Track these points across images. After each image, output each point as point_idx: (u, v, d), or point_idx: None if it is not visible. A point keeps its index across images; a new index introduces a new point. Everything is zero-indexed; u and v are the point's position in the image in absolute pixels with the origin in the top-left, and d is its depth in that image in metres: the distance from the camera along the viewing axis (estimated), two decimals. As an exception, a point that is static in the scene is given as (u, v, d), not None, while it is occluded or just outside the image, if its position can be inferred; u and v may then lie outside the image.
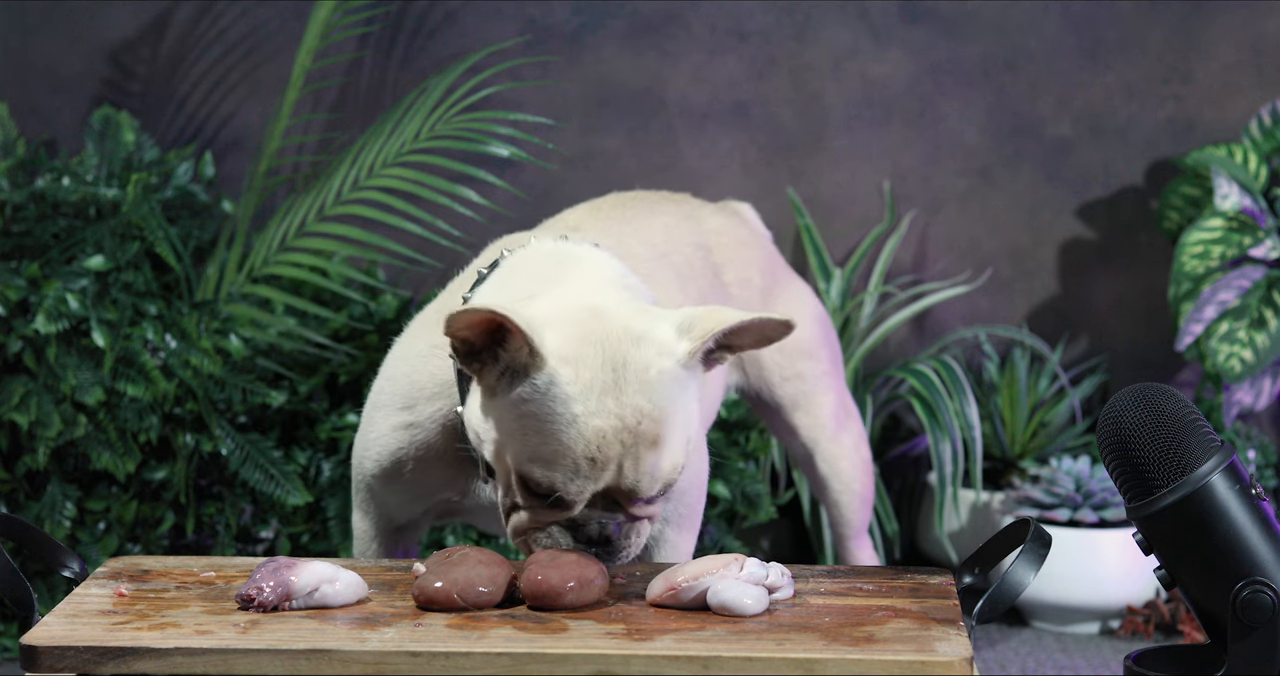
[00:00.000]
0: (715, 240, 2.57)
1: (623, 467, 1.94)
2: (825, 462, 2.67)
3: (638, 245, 2.40)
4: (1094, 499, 3.32)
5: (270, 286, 3.30)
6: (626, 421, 1.92)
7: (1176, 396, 1.84)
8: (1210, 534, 1.80)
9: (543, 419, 1.93)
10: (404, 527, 2.31)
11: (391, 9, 3.67)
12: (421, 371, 2.18)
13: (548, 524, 1.98)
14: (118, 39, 3.69)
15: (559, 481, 1.93)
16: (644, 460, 1.94)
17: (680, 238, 2.50)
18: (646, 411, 1.93)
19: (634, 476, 1.94)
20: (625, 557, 2.00)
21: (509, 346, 1.94)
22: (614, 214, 2.48)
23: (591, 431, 1.92)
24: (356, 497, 2.30)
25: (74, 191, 3.31)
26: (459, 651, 1.77)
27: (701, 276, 2.48)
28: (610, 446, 1.92)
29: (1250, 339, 3.34)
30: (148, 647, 1.78)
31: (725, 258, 2.56)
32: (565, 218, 2.46)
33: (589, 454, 1.92)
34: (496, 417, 1.97)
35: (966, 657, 1.75)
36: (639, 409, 1.93)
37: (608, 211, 2.49)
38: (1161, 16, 3.63)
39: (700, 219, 2.58)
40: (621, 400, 1.93)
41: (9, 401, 3.16)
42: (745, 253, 2.59)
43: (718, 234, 2.58)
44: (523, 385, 1.93)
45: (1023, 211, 3.70)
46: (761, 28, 3.66)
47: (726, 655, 1.76)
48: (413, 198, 3.29)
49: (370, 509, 2.29)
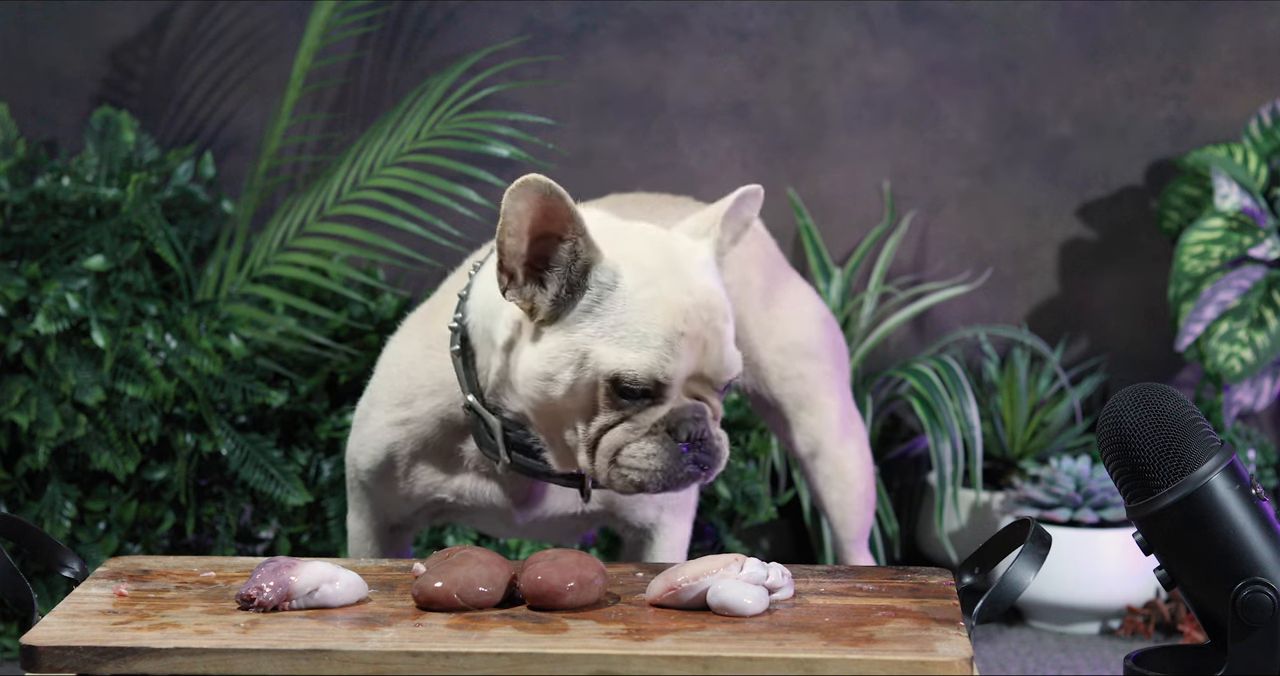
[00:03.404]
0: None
1: (707, 343, 1.97)
2: (830, 463, 2.65)
3: None
4: (1094, 499, 3.33)
5: (270, 286, 3.30)
6: (698, 297, 1.97)
7: (1176, 396, 1.85)
8: (1210, 534, 1.80)
9: (621, 310, 1.96)
10: (398, 527, 2.31)
11: (391, 9, 3.67)
12: (419, 368, 2.18)
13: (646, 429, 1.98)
14: (118, 39, 3.69)
15: (656, 364, 1.95)
16: (724, 333, 1.98)
17: None
18: (711, 287, 2.00)
19: (718, 351, 1.98)
20: (720, 463, 2.01)
21: (559, 258, 1.96)
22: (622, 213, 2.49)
23: (676, 306, 1.96)
24: (351, 497, 2.31)
25: (74, 191, 3.31)
26: (459, 651, 1.77)
27: None
28: (694, 321, 1.96)
29: (1250, 339, 3.35)
30: (148, 647, 1.78)
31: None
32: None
33: (679, 328, 1.96)
34: (566, 339, 1.98)
35: (966, 657, 1.75)
36: (706, 286, 1.99)
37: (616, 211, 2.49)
38: (1161, 16, 3.64)
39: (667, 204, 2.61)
40: (688, 278, 1.98)
41: (9, 401, 3.16)
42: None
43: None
44: (588, 290, 1.97)
45: (1023, 211, 3.70)
46: (761, 28, 3.66)
47: (726, 655, 1.76)
48: (413, 198, 3.29)
49: (364, 508, 2.29)
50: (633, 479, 2.00)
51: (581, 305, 1.97)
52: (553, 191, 1.93)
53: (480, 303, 2.08)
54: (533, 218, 1.95)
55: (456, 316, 2.11)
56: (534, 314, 2.00)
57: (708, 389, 2.01)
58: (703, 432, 1.99)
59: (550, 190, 1.93)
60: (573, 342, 1.98)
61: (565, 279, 1.97)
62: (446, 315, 2.17)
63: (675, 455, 1.99)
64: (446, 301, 2.20)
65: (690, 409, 1.98)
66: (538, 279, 1.98)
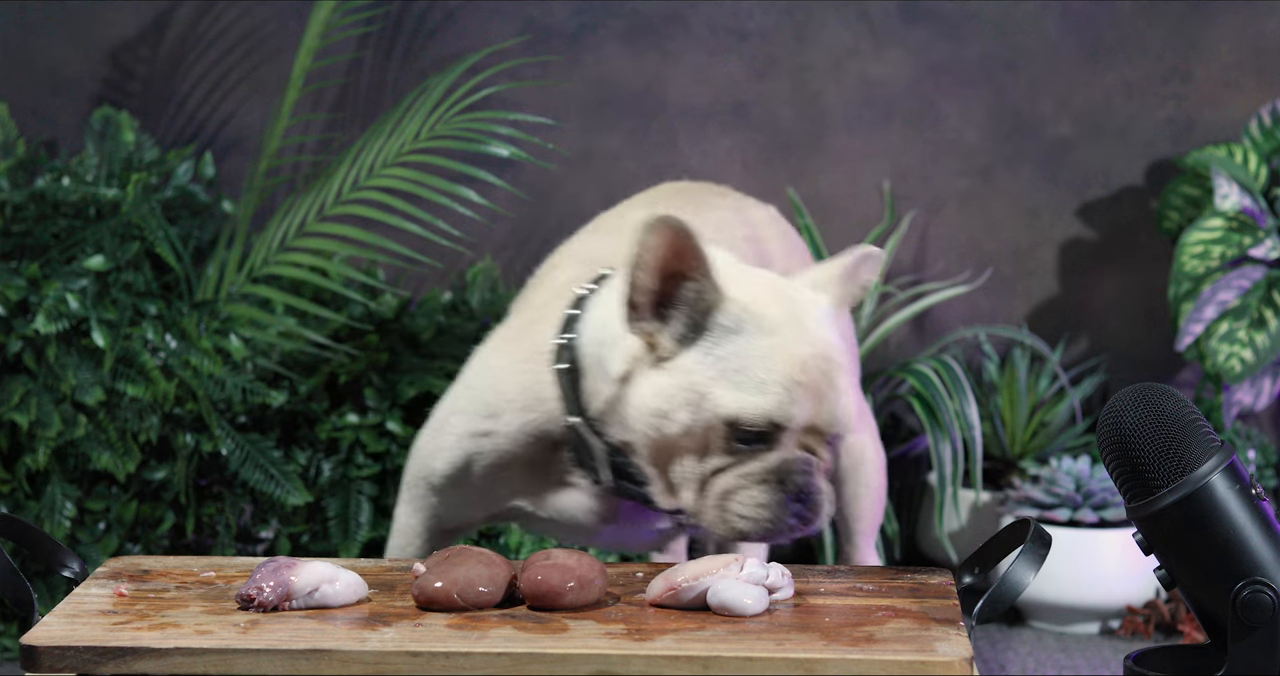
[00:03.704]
0: (763, 233, 2.61)
1: (823, 394, 1.99)
2: (847, 455, 2.66)
3: None
4: (1094, 499, 3.33)
5: (270, 286, 3.30)
6: (817, 348, 2.00)
7: (1176, 396, 1.85)
8: (1210, 534, 1.80)
9: (743, 356, 1.98)
10: (454, 530, 2.32)
11: (391, 9, 3.67)
12: (508, 383, 2.19)
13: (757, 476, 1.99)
14: (118, 39, 3.69)
15: (775, 408, 1.97)
16: (839, 383, 2.01)
17: (733, 231, 2.54)
18: (831, 340, 2.03)
19: (833, 403, 2.00)
20: (821, 520, 2.03)
21: (683, 297, 1.99)
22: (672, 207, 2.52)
23: (795, 355, 1.98)
24: (409, 493, 2.30)
25: (74, 191, 3.31)
26: (459, 651, 1.77)
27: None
28: (811, 371, 1.98)
29: (1250, 339, 3.34)
30: (148, 647, 1.78)
31: (773, 249, 2.61)
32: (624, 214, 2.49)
33: (797, 377, 1.98)
34: (686, 379, 2.00)
35: (966, 657, 1.75)
36: (825, 338, 2.02)
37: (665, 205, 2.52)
38: (1161, 16, 3.64)
39: (747, 211, 2.63)
40: (808, 329, 2.01)
41: (9, 401, 3.16)
42: (787, 244, 2.64)
43: (764, 226, 2.62)
44: (711, 331, 1.99)
45: (1023, 211, 3.70)
46: (761, 28, 3.66)
47: (726, 655, 1.76)
48: (413, 198, 3.29)
49: (424, 507, 2.29)
50: (736, 526, 2.02)
51: (702, 346, 2.00)
52: (685, 231, 1.96)
53: (595, 329, 2.10)
54: (664, 255, 1.98)
55: (569, 337, 2.12)
56: (654, 348, 2.02)
57: (819, 441, 2.03)
58: (810, 485, 2.01)
59: (683, 229, 1.96)
60: (691, 383, 2.00)
61: (689, 318, 2.01)
62: (543, 332, 2.18)
63: (782, 506, 2.01)
64: (543, 318, 2.21)
65: (800, 461, 2.01)
66: (661, 315, 2.01)
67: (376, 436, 3.29)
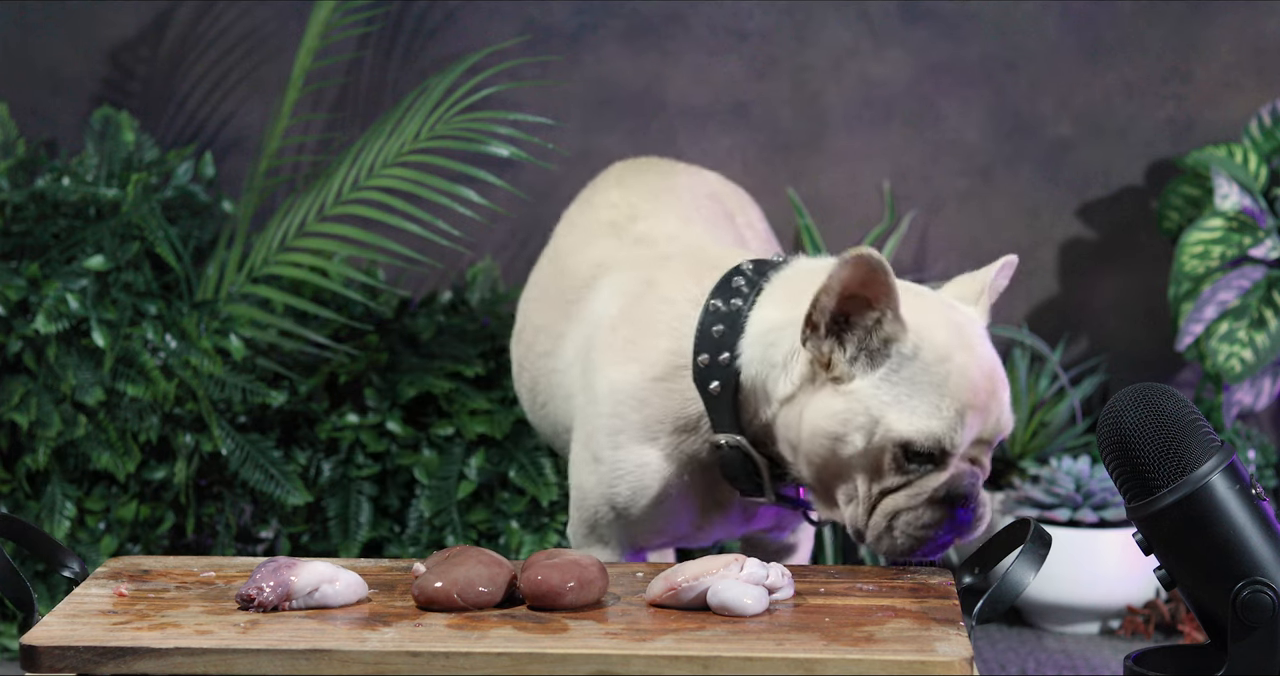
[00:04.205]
0: (719, 189, 2.71)
1: (989, 411, 2.08)
2: None
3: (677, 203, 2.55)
4: (1094, 499, 3.32)
5: (270, 286, 3.30)
6: (985, 369, 2.09)
7: (1176, 396, 1.85)
8: (1210, 534, 1.80)
9: (919, 383, 2.05)
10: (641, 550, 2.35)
11: (391, 9, 3.67)
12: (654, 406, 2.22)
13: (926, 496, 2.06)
14: (118, 39, 3.69)
15: (947, 433, 2.05)
16: (1004, 403, 2.11)
17: (696, 191, 2.64)
18: (993, 358, 2.12)
19: (997, 416, 2.10)
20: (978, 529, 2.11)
21: (862, 322, 2.05)
22: (643, 180, 2.62)
23: (968, 380, 2.06)
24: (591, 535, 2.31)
25: (74, 191, 3.31)
26: (459, 651, 1.77)
27: (723, 223, 2.60)
28: (980, 392, 2.07)
29: (1250, 339, 3.34)
30: (148, 647, 1.78)
31: (732, 205, 2.70)
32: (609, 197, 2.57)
33: (970, 401, 2.05)
34: (860, 403, 2.06)
35: (966, 657, 1.75)
36: (989, 357, 2.11)
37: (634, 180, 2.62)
38: (1161, 16, 3.63)
39: (701, 174, 2.73)
40: (976, 351, 2.09)
41: (9, 401, 3.16)
42: (741, 198, 2.75)
43: (719, 185, 2.73)
44: (889, 358, 2.06)
45: (1023, 211, 3.70)
46: (761, 28, 3.66)
47: (726, 655, 1.76)
48: (413, 198, 3.29)
49: (612, 538, 2.30)
50: (902, 545, 2.09)
51: (880, 373, 2.06)
52: (880, 266, 2.02)
53: (758, 351, 2.15)
54: (849, 282, 2.04)
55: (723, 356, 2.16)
56: (827, 369, 2.08)
57: (983, 449, 2.12)
58: (972, 491, 2.09)
59: (879, 266, 2.02)
60: (867, 408, 2.06)
61: (865, 344, 2.07)
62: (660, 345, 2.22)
63: (950, 522, 2.08)
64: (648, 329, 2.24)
65: (967, 474, 2.09)
66: (838, 336, 2.07)
67: (376, 436, 3.29)
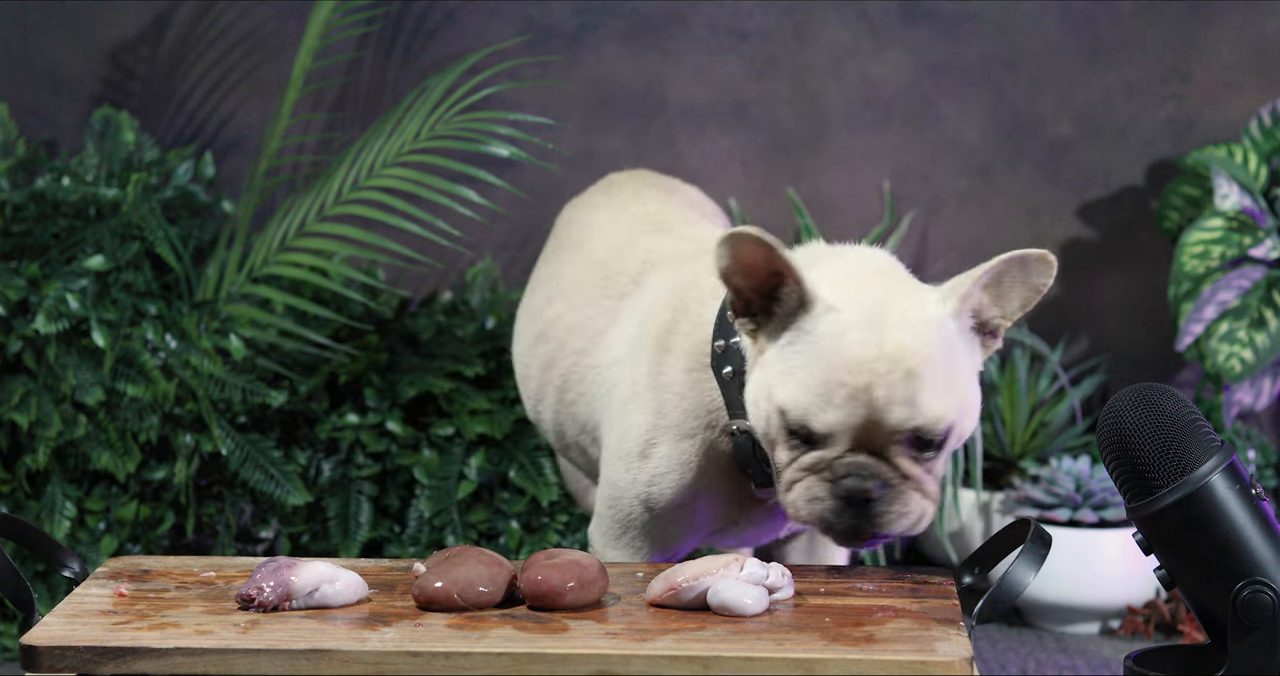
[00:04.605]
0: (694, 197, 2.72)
1: (875, 397, 1.94)
2: None
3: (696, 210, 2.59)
4: (1094, 499, 3.32)
5: (270, 286, 3.30)
6: (884, 350, 1.95)
7: (1176, 396, 1.85)
8: (1210, 534, 1.80)
9: (807, 355, 1.97)
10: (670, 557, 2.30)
11: (391, 9, 3.67)
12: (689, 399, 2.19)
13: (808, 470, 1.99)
14: (118, 39, 3.69)
15: (811, 411, 1.96)
16: (898, 389, 1.94)
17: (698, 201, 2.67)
18: (905, 343, 1.96)
19: (886, 404, 1.94)
20: (888, 527, 1.99)
21: (782, 299, 2.00)
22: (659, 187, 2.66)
23: (850, 357, 1.95)
24: (621, 538, 2.27)
25: (74, 191, 3.31)
26: (459, 651, 1.77)
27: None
28: (862, 374, 1.95)
29: (1250, 339, 3.34)
30: (148, 647, 1.78)
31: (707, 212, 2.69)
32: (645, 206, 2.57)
33: (843, 379, 1.95)
34: (764, 373, 2.02)
35: (966, 657, 1.75)
36: (898, 341, 1.96)
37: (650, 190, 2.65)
38: (1161, 16, 3.63)
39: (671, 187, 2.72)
40: (883, 334, 1.96)
41: (9, 401, 3.16)
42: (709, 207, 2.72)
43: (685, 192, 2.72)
44: (788, 331, 2.00)
45: (1023, 211, 3.70)
46: (761, 28, 3.66)
47: (726, 655, 1.76)
48: (413, 198, 3.29)
49: (643, 544, 2.26)
50: (798, 515, 2.02)
51: (781, 343, 2.01)
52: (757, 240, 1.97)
53: None
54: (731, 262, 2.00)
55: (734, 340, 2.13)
56: (756, 342, 2.04)
57: (889, 444, 1.98)
58: (867, 492, 1.97)
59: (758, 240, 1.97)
60: (768, 377, 2.02)
61: (782, 317, 2.02)
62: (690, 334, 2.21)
63: (837, 504, 1.99)
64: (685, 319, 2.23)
65: (851, 465, 1.98)
66: (767, 311, 2.03)
67: (376, 436, 3.29)
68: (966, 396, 2.00)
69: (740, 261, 2.00)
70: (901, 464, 1.98)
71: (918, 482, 1.99)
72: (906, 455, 1.98)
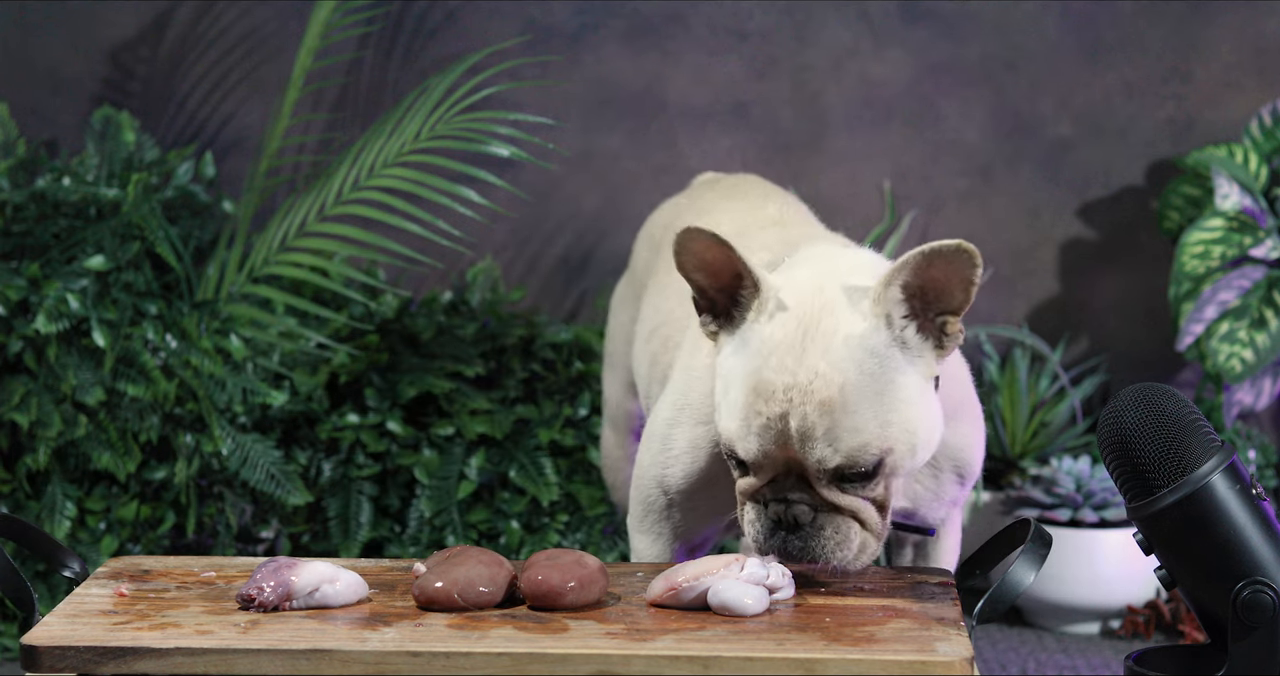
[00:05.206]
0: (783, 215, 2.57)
1: (790, 429, 1.90)
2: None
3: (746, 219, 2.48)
4: (1094, 499, 3.33)
5: (270, 286, 3.30)
6: (799, 379, 1.89)
7: (1177, 396, 1.85)
8: (1210, 534, 1.80)
9: (734, 375, 1.94)
10: (697, 547, 2.26)
11: (391, 9, 3.67)
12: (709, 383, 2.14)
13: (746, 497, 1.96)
14: (118, 39, 3.69)
15: (735, 437, 1.93)
16: (813, 422, 1.89)
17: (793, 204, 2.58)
18: (822, 372, 1.89)
19: (802, 440, 1.89)
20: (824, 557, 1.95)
21: (742, 301, 1.97)
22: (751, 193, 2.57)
23: (762, 385, 1.90)
24: (644, 522, 2.23)
25: (74, 191, 3.31)
26: (459, 651, 1.77)
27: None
28: (776, 403, 1.90)
29: (1251, 339, 3.34)
30: (148, 647, 1.78)
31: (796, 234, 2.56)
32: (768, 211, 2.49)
33: (758, 408, 1.90)
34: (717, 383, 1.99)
35: (966, 657, 1.75)
36: (814, 369, 1.89)
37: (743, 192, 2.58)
38: (1161, 16, 3.64)
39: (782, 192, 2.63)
40: (802, 360, 1.90)
41: (9, 401, 3.16)
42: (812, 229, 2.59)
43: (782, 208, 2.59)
44: (739, 336, 1.96)
45: (1023, 211, 3.70)
46: (761, 28, 3.66)
47: (727, 655, 1.76)
48: (413, 198, 3.29)
49: (665, 530, 2.22)
50: (748, 538, 1.99)
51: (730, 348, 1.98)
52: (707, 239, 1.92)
53: None
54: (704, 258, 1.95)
55: None
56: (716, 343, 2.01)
57: (814, 475, 1.92)
58: (794, 519, 1.94)
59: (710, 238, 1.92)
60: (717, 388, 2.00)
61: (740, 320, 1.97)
62: None
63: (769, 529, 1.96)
64: None
65: (777, 491, 1.94)
66: (729, 314, 1.99)
67: (377, 436, 3.29)
68: (908, 415, 1.93)
69: (698, 257, 1.95)
70: (830, 496, 1.93)
71: (854, 512, 1.94)
72: (835, 487, 1.93)
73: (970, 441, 2.17)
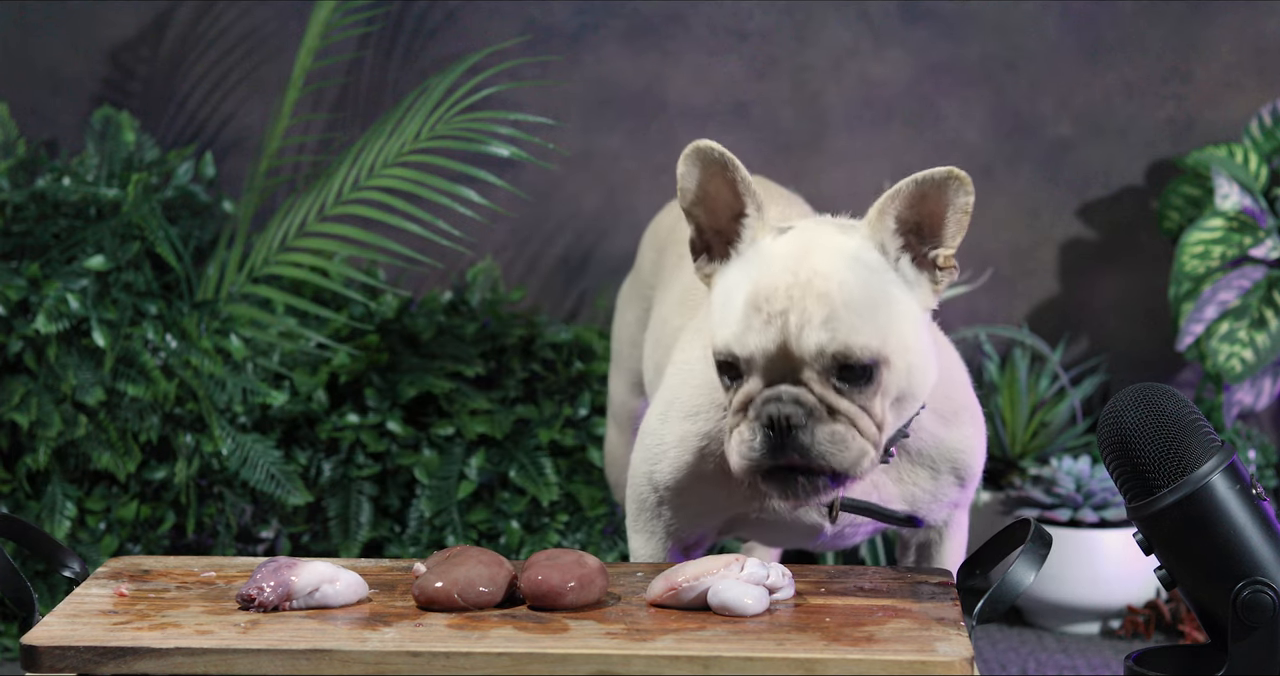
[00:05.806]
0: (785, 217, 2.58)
1: (789, 322, 1.91)
2: None
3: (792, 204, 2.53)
4: (1094, 499, 3.33)
5: (270, 286, 3.30)
6: (800, 278, 1.92)
7: (1177, 396, 1.85)
8: (1210, 534, 1.80)
9: (735, 286, 1.96)
10: (691, 548, 2.25)
11: (391, 9, 3.67)
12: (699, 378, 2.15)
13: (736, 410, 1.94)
14: (118, 39, 3.69)
15: (733, 337, 1.93)
16: (812, 312, 1.91)
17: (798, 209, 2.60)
18: (821, 270, 1.93)
19: (799, 329, 1.90)
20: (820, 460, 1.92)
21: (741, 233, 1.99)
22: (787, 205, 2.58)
23: (767, 285, 1.93)
24: (639, 521, 2.22)
25: (74, 191, 3.31)
26: (459, 651, 1.77)
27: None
28: (778, 299, 1.92)
29: (1251, 339, 3.34)
30: (148, 647, 1.78)
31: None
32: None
33: (759, 305, 1.92)
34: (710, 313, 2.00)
35: (966, 657, 1.75)
36: (814, 268, 1.93)
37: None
38: (1161, 16, 3.64)
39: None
40: (803, 262, 1.94)
41: (9, 401, 3.16)
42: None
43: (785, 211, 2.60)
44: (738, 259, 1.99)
45: (1023, 211, 3.70)
46: (761, 28, 3.66)
47: (727, 655, 1.76)
48: (413, 198, 3.29)
49: (658, 528, 2.21)
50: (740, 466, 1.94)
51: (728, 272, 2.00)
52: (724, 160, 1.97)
53: None
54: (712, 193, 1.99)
55: None
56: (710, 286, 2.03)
57: (811, 374, 1.91)
58: (787, 418, 1.91)
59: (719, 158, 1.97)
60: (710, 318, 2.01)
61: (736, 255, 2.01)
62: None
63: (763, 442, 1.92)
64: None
65: (771, 394, 1.92)
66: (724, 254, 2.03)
67: (377, 436, 3.29)
68: (905, 331, 1.95)
69: (700, 187, 1.98)
70: (827, 396, 1.92)
71: (850, 418, 1.92)
72: (831, 387, 1.92)
73: (971, 444, 2.17)
